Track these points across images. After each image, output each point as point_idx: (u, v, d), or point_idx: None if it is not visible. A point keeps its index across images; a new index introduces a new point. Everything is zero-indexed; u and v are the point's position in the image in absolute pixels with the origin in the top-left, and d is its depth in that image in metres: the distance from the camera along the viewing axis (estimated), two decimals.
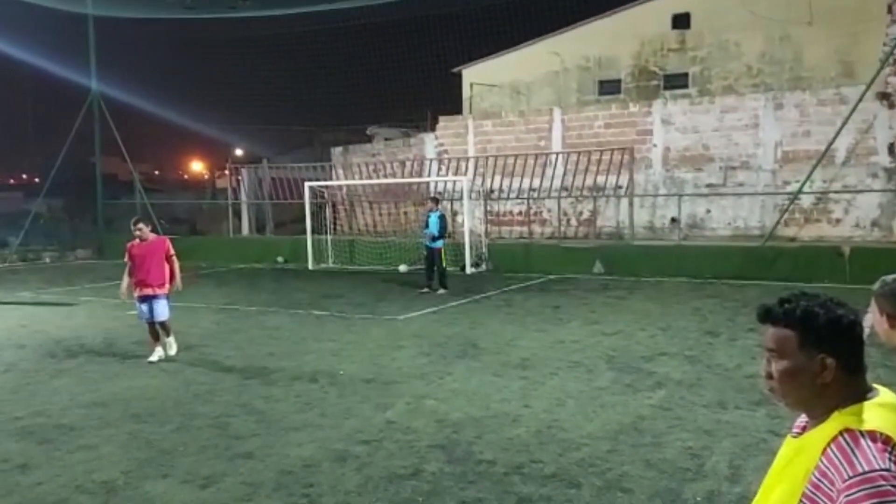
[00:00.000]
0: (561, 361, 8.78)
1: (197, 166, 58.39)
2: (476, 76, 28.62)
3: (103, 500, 5.10)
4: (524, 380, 7.99)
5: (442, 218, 15.01)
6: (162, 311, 9.32)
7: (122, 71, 30.90)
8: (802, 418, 1.84)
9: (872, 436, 1.63)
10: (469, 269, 18.18)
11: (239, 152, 45.60)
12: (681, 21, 24.88)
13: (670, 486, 5.08)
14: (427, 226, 15.04)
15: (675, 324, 11.03)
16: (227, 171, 27.66)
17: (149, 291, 9.24)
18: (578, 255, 17.92)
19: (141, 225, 9.40)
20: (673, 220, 19.07)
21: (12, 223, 25.81)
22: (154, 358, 9.26)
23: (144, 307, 9.30)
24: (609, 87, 26.30)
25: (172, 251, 9.52)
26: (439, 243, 14.90)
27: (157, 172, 61.05)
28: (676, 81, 25.13)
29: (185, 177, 61.90)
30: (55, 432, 6.56)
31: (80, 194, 30.28)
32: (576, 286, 15.50)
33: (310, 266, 20.09)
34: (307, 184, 21.00)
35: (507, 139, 21.72)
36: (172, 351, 9.50)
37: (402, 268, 18.11)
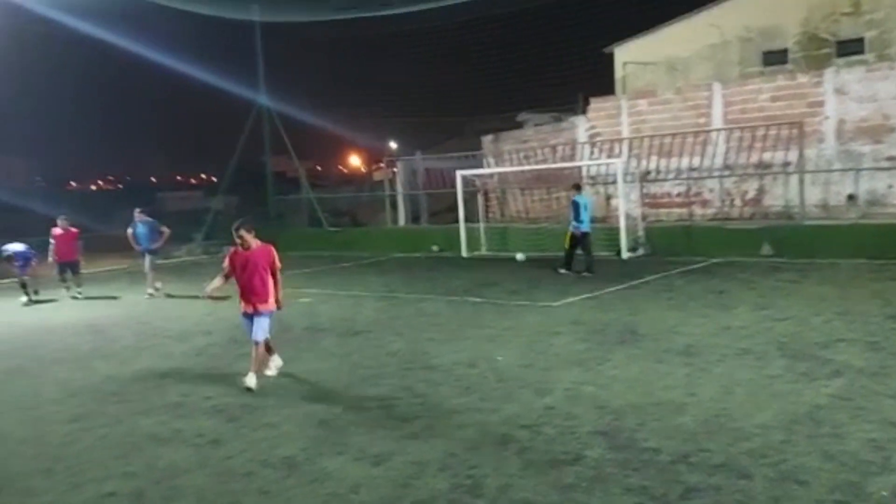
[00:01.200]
0: (728, 348, 8.44)
1: (355, 161, 60.93)
2: (629, 55, 27.85)
3: (286, 474, 5.50)
4: (688, 367, 7.76)
5: (573, 203, 15.02)
6: (259, 330, 7.97)
7: (285, 72, 32.80)
8: None
9: None
10: (625, 254, 17.79)
11: (393, 146, 47.16)
12: None
13: (852, 479, 4.78)
14: None
15: (855, 308, 10.27)
16: (382, 165, 28.66)
17: (250, 309, 8.01)
18: (744, 236, 17.05)
19: (243, 231, 7.88)
20: (850, 196, 17.70)
21: (195, 220, 28.28)
22: (271, 372, 8.32)
23: (247, 324, 8.11)
24: (774, 58, 24.75)
25: (278, 263, 8.13)
26: (570, 227, 15.13)
27: (319, 168, 64.43)
28: (850, 48, 23.23)
29: (345, 171, 64.83)
30: (241, 411, 7.13)
31: (252, 191, 32.69)
32: (742, 269, 14.78)
33: (464, 254, 20.44)
34: (459, 173, 21.28)
35: (663, 118, 20.99)
36: (271, 372, 8.35)
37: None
